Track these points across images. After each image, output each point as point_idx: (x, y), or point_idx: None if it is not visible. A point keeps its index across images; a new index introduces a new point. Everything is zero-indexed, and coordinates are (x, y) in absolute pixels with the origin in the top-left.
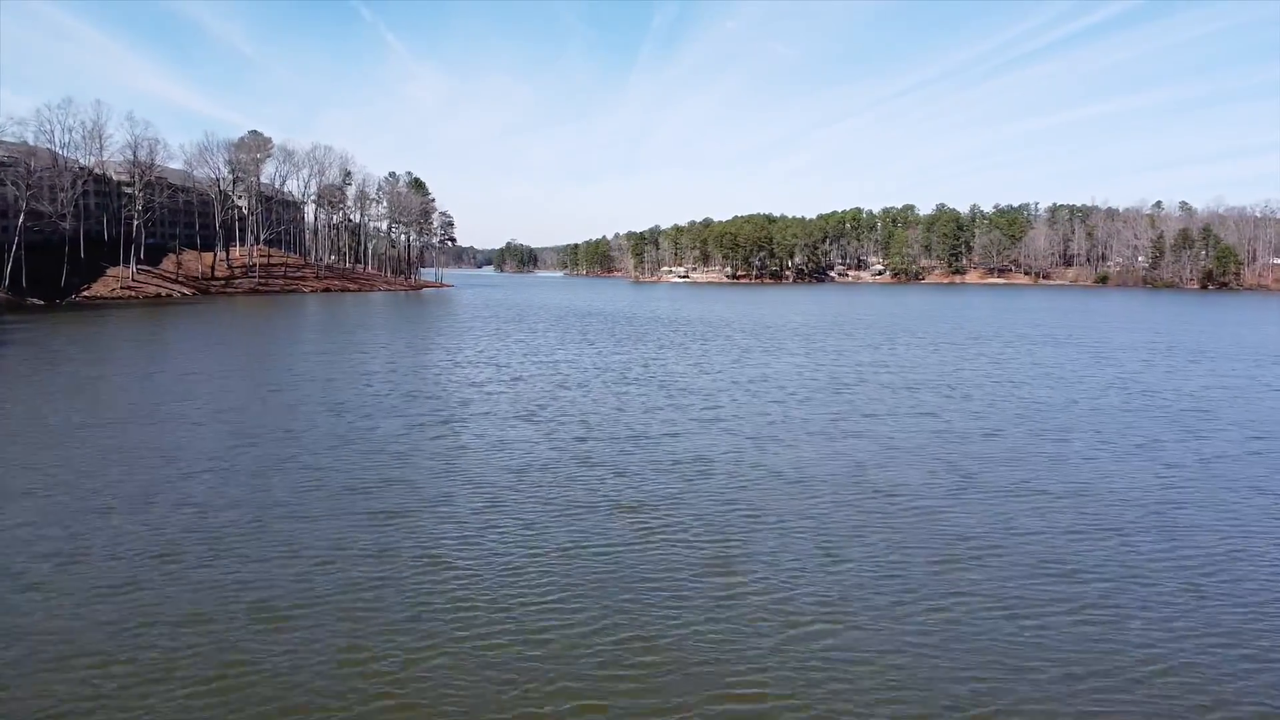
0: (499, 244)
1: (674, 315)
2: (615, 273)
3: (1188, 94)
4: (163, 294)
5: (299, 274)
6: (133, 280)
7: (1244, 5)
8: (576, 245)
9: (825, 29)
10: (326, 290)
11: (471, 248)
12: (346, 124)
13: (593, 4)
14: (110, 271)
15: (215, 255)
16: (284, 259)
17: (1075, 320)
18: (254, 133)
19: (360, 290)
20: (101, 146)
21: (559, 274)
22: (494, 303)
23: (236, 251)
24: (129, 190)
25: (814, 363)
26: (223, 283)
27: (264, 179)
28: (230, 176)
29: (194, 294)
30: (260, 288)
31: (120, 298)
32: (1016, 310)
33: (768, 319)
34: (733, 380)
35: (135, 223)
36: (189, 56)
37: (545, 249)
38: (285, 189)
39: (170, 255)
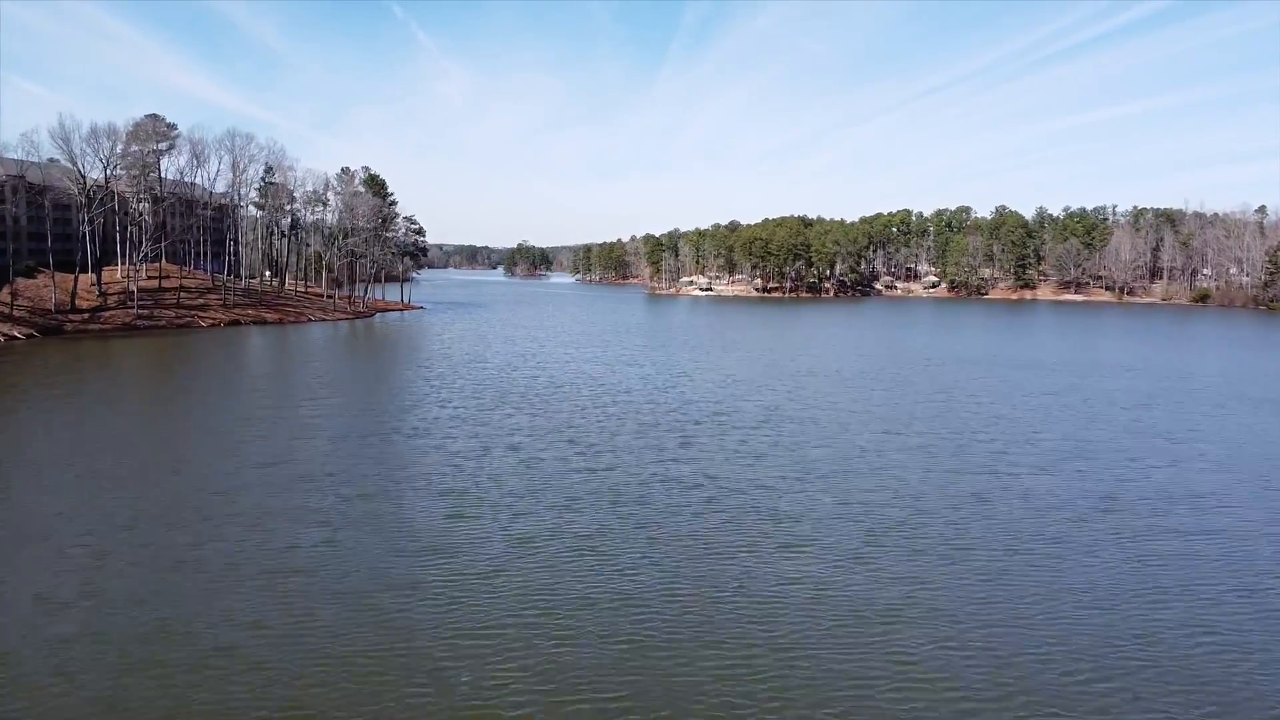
0: (516, 243)
1: (689, 369)
2: (631, 279)
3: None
4: None
5: (200, 301)
6: None
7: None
8: (590, 248)
9: (857, 25)
10: (235, 323)
11: (487, 248)
12: (374, 121)
13: (624, 1)
14: None
15: (77, 279)
16: (181, 280)
17: None
18: (152, 116)
19: (282, 322)
20: None
21: (571, 279)
22: (431, 355)
23: (119, 271)
24: None
25: None
26: (86, 316)
27: (167, 175)
28: (106, 173)
29: (30, 335)
30: (140, 322)
31: None
32: (1219, 352)
33: (856, 374)
34: None
35: None
36: (221, 54)
37: (561, 248)
38: (195, 187)
39: (16, 280)
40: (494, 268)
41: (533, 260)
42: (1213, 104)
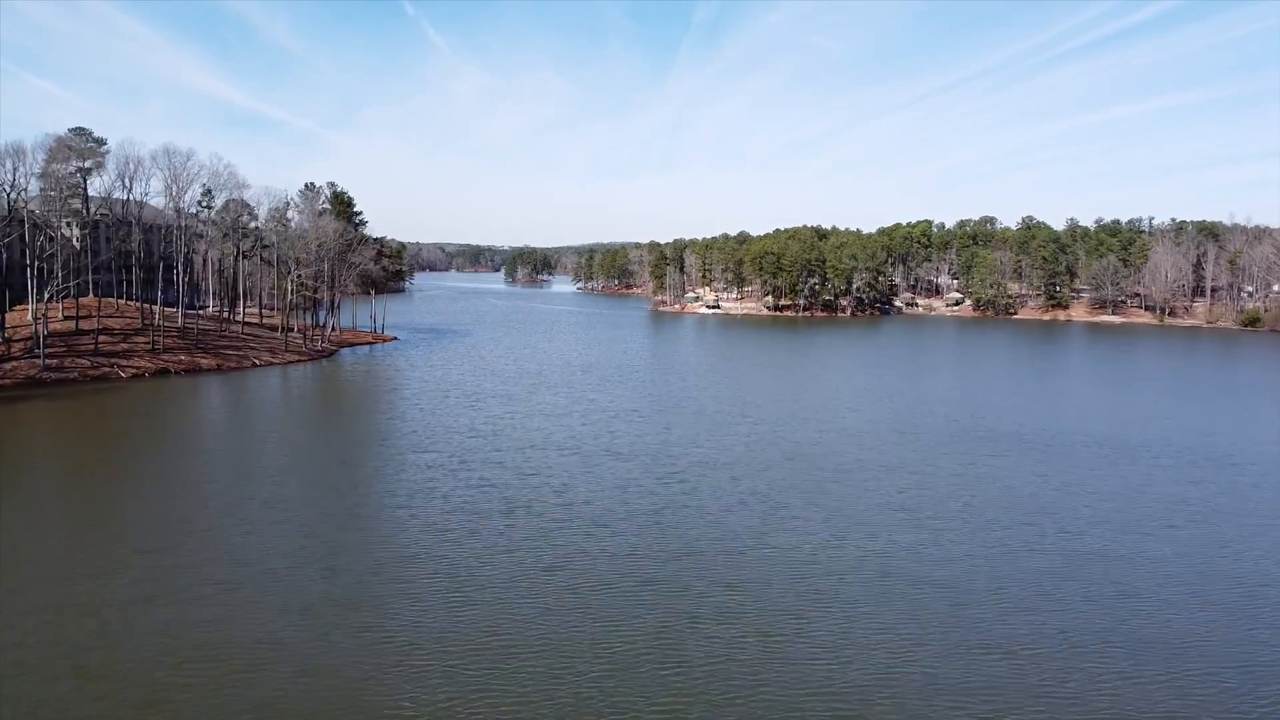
0: (522, 243)
1: (689, 470)
2: (634, 289)
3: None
4: None
5: (123, 345)
6: None
7: None
8: (593, 253)
9: (869, 22)
10: (164, 372)
11: (491, 248)
12: (385, 119)
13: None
14: None
15: None
16: (100, 320)
17: None
18: (78, 130)
19: (220, 369)
20: None
21: (572, 287)
22: (369, 435)
23: (28, 310)
24: None
25: None
26: None
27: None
28: (10, 198)
29: None
30: (47, 375)
31: None
32: None
33: (902, 473)
34: None
35: None
36: (234, 52)
37: (565, 250)
38: (130, 207)
39: None
40: (497, 269)
41: (534, 265)
42: (1229, 101)
